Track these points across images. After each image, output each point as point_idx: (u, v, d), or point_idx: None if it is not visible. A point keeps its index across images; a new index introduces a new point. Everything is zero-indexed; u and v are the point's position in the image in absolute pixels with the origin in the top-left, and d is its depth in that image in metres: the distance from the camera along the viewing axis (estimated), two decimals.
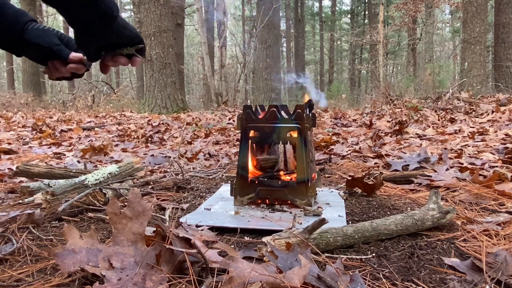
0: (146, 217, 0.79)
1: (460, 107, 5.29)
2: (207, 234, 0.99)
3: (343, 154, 2.57)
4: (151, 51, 8.18)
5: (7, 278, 0.81)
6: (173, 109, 8.22)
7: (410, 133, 3.45)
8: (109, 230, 1.12)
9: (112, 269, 0.69)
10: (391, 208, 1.31)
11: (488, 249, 0.92)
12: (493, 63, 10.68)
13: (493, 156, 2.11)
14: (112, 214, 0.77)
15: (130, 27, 0.87)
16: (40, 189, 1.49)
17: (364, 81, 22.59)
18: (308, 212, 1.22)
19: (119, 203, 1.30)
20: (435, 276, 0.80)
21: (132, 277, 0.68)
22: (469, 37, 9.05)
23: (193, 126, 5.06)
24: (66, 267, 0.67)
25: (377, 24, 14.36)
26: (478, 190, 1.43)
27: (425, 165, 1.96)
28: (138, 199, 0.80)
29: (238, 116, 1.35)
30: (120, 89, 12.00)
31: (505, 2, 9.75)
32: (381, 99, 6.90)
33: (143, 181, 1.76)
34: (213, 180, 1.91)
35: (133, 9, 19.62)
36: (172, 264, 0.74)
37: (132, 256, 0.73)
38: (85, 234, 0.74)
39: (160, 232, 0.84)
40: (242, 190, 1.33)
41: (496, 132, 3.08)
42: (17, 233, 1.07)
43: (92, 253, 0.71)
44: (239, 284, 0.67)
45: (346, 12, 26.53)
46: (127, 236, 0.76)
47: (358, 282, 0.73)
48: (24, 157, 2.77)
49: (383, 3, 13.02)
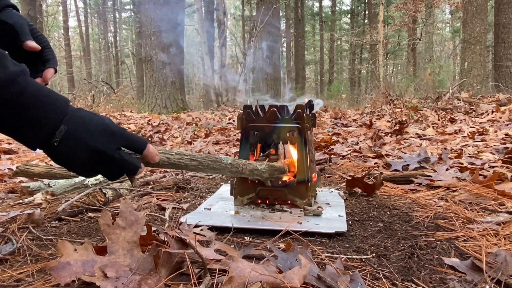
0: (140, 225, 0.79)
1: (460, 107, 5.29)
2: (206, 234, 0.99)
3: (343, 154, 2.57)
4: (151, 51, 8.18)
5: (7, 278, 0.81)
6: (173, 109, 8.22)
7: (410, 133, 3.45)
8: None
9: (107, 279, 0.69)
10: (391, 208, 1.31)
11: (488, 249, 0.92)
12: (493, 63, 10.67)
13: (493, 156, 2.11)
14: (105, 226, 0.78)
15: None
16: (40, 189, 1.50)
17: (364, 81, 22.58)
18: (308, 212, 1.22)
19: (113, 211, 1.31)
20: (435, 276, 0.80)
21: (128, 284, 0.69)
22: (469, 37, 9.05)
23: (193, 126, 5.06)
24: (62, 279, 0.68)
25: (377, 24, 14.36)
26: (478, 190, 1.43)
27: (425, 165, 1.96)
28: (130, 208, 0.81)
29: (238, 116, 1.35)
30: (120, 89, 11.99)
31: (505, 2, 9.74)
32: (381, 99, 6.90)
33: (143, 181, 1.76)
34: (213, 180, 1.91)
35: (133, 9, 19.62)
36: (170, 266, 0.74)
37: (128, 265, 0.74)
38: (79, 247, 0.75)
39: (153, 236, 0.85)
40: (242, 190, 1.33)
41: (496, 132, 3.08)
42: (17, 233, 1.07)
43: (88, 264, 0.72)
44: (239, 284, 0.67)
45: (346, 12, 26.52)
46: (122, 245, 0.77)
47: (358, 282, 0.73)
48: (24, 157, 2.77)
49: (383, 3, 13.02)
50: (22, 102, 0.65)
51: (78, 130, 0.71)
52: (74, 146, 0.71)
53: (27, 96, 0.65)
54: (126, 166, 0.77)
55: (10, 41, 0.86)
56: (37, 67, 0.91)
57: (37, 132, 0.68)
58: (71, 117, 0.71)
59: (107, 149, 0.73)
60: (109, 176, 0.79)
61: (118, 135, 0.76)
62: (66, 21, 21.59)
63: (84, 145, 0.71)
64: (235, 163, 1.07)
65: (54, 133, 0.69)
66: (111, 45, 23.81)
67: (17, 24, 0.86)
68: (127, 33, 26.66)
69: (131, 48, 21.69)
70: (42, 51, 0.91)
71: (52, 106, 0.69)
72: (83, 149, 0.71)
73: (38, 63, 0.91)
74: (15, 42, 0.86)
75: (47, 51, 0.92)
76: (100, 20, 24.14)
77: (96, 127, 0.73)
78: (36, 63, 0.91)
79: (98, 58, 24.10)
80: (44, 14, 16.41)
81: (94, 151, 0.72)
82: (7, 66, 0.64)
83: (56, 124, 0.69)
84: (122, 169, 0.77)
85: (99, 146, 0.72)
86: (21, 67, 0.66)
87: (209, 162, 0.99)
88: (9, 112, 0.64)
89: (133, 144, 0.79)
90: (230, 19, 12.98)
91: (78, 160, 0.72)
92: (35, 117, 0.67)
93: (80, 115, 0.73)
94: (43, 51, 0.91)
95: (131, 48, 21.77)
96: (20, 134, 0.68)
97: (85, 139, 0.71)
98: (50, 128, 0.68)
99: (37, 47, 0.87)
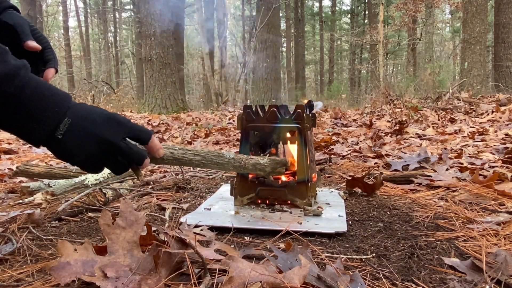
0: (140, 225, 0.79)
1: (460, 107, 5.29)
2: (206, 234, 1.00)
3: (343, 154, 2.57)
4: (151, 51, 8.18)
5: (7, 278, 0.81)
6: (173, 109, 8.22)
7: (410, 133, 3.45)
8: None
9: (107, 279, 0.69)
10: (391, 208, 1.31)
11: (488, 249, 0.92)
12: (493, 63, 10.67)
13: (493, 156, 2.11)
14: (105, 226, 0.78)
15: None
16: (40, 189, 1.50)
17: (364, 81, 22.59)
18: (308, 212, 1.22)
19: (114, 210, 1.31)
20: (435, 276, 0.80)
21: (128, 284, 0.69)
22: (469, 37, 9.05)
23: (193, 126, 5.06)
24: (62, 279, 0.68)
25: (377, 24, 14.36)
26: (478, 190, 1.43)
27: (425, 165, 1.96)
28: (130, 208, 0.81)
29: (238, 116, 1.35)
30: (120, 89, 11.98)
31: (505, 2, 9.74)
32: (381, 99, 6.90)
33: (143, 181, 1.76)
34: (213, 180, 1.91)
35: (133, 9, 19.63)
36: (170, 266, 0.74)
37: (128, 265, 0.74)
38: (79, 247, 0.75)
39: (153, 236, 0.85)
40: (242, 190, 1.33)
41: (496, 132, 3.08)
42: (17, 233, 1.07)
43: (88, 264, 0.72)
44: (239, 284, 0.67)
45: (346, 12, 26.53)
46: (122, 245, 0.77)
47: (358, 282, 0.73)
48: (24, 157, 2.77)
49: (383, 3, 13.02)
50: (25, 96, 0.65)
51: (83, 121, 0.70)
52: (80, 138, 0.70)
53: (29, 90, 0.65)
54: (133, 156, 0.76)
55: (11, 42, 0.86)
56: (38, 67, 0.91)
57: (41, 126, 0.67)
58: (75, 110, 0.71)
59: (113, 138, 0.72)
60: (115, 168, 0.77)
61: (124, 125, 0.75)
62: (66, 21, 21.62)
63: (89, 135, 0.70)
64: (238, 157, 1.08)
65: (58, 126, 0.68)
66: (111, 45, 23.81)
67: (18, 25, 0.86)
68: (127, 33, 26.65)
69: (131, 48, 21.70)
70: (42, 51, 0.91)
71: (55, 100, 0.68)
72: (89, 140, 0.70)
73: (39, 63, 0.92)
74: (16, 43, 0.86)
75: (48, 51, 0.92)
76: (100, 20, 24.13)
77: (101, 118, 0.73)
78: (37, 63, 0.91)
79: (98, 58, 24.10)
80: (44, 14, 16.41)
81: (100, 141, 0.71)
82: (8, 61, 0.64)
83: (60, 117, 0.68)
84: (129, 159, 0.76)
85: (106, 135, 0.71)
86: (23, 62, 0.66)
87: (212, 157, 0.99)
88: (12, 106, 0.64)
89: (139, 134, 0.78)
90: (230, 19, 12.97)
91: (84, 152, 0.71)
92: (38, 111, 0.66)
93: (83, 107, 0.73)
94: (44, 51, 0.91)
95: (131, 48, 21.78)
96: (24, 130, 0.68)
97: (91, 129, 0.71)
98: (54, 121, 0.68)
99: (38, 47, 0.87)
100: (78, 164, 0.74)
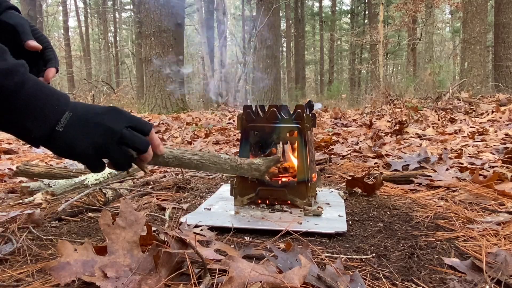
0: (140, 225, 0.79)
1: (460, 107, 5.29)
2: (206, 234, 1.00)
3: (343, 154, 2.57)
4: (151, 51, 8.18)
5: (7, 278, 0.81)
6: (173, 109, 8.21)
7: (410, 133, 3.46)
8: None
9: (107, 279, 0.69)
10: (391, 208, 1.31)
11: (488, 249, 0.92)
12: (493, 63, 10.68)
13: (493, 156, 2.11)
14: (105, 226, 0.78)
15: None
16: (40, 189, 1.50)
17: (364, 81, 22.57)
18: (308, 212, 1.22)
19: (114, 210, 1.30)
20: (435, 276, 0.80)
21: (128, 284, 0.69)
22: (469, 37, 9.05)
23: (193, 126, 5.06)
24: (62, 279, 0.68)
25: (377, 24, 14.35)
26: (478, 190, 1.43)
27: (425, 165, 1.96)
28: (130, 209, 0.81)
29: (238, 116, 1.35)
30: (120, 89, 11.99)
31: (505, 2, 9.74)
32: (381, 99, 6.89)
33: (143, 181, 1.76)
34: (213, 180, 1.91)
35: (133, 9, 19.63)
36: (170, 266, 0.74)
37: (128, 265, 0.74)
38: (79, 247, 0.75)
39: (153, 236, 0.85)
40: (242, 190, 1.33)
41: (496, 132, 3.08)
42: (17, 233, 1.07)
43: (88, 264, 0.72)
44: (239, 284, 0.67)
45: (346, 12, 26.52)
46: (122, 245, 0.77)
47: (358, 282, 0.73)
48: (24, 157, 2.77)
49: (383, 3, 13.02)
50: (25, 92, 0.65)
51: (84, 113, 0.71)
52: (82, 127, 0.70)
53: (29, 87, 0.65)
54: (138, 142, 0.75)
55: (12, 41, 0.86)
56: (38, 67, 0.91)
57: (41, 123, 0.67)
58: (74, 106, 0.71)
59: (116, 126, 0.72)
60: (118, 159, 0.75)
61: (125, 115, 0.76)
62: (66, 21, 21.62)
63: (92, 123, 0.71)
64: (233, 158, 1.13)
65: (59, 120, 0.68)
66: (111, 45, 23.80)
67: (19, 25, 0.86)
68: (127, 33, 26.65)
69: (131, 48, 21.69)
70: (43, 51, 0.91)
71: (54, 98, 0.69)
72: (91, 128, 0.70)
73: (40, 63, 0.92)
74: (16, 42, 0.86)
75: (49, 51, 0.92)
76: (100, 20, 24.12)
77: (102, 109, 0.74)
78: (38, 63, 0.91)
79: (98, 58, 24.10)
80: (44, 14, 16.41)
81: (103, 129, 0.71)
82: (8, 58, 0.64)
83: (60, 112, 0.69)
84: (134, 145, 0.75)
85: (109, 123, 0.71)
86: (22, 61, 0.67)
87: (209, 157, 1.03)
88: (12, 103, 0.64)
89: (139, 125, 0.77)
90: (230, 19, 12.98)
91: (86, 144, 0.70)
92: (38, 108, 0.66)
93: (82, 103, 0.74)
94: (45, 51, 0.91)
95: (131, 48, 21.77)
96: (23, 128, 0.67)
97: (93, 119, 0.71)
98: (54, 116, 0.68)
99: (38, 47, 0.88)
100: (79, 156, 0.73)
